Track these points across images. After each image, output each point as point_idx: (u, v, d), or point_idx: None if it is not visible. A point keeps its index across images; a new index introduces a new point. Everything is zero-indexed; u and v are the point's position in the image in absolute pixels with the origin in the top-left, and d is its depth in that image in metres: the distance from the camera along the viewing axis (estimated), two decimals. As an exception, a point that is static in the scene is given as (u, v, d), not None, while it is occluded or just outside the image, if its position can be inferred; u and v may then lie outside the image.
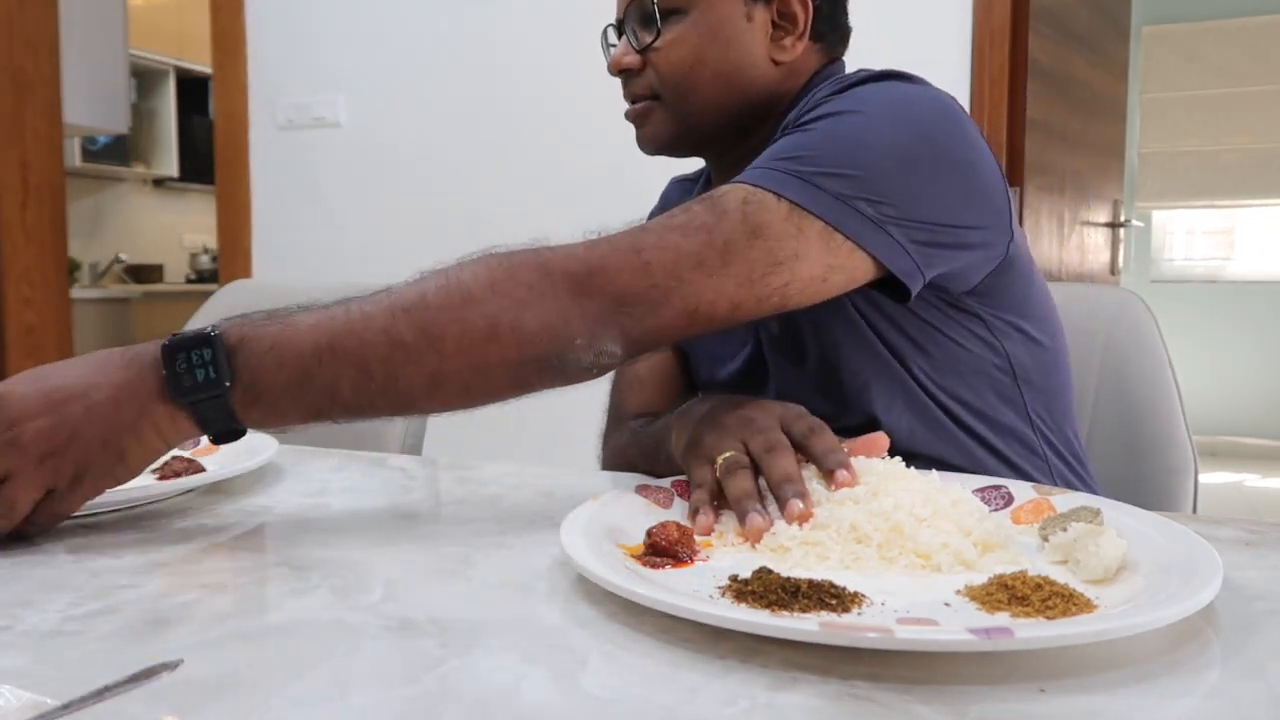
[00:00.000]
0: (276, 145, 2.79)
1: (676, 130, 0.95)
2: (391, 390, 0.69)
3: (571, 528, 0.63)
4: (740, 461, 0.71)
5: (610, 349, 0.72)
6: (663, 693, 0.45)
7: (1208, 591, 0.50)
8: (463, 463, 0.96)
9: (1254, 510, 4.23)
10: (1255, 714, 0.43)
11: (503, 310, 0.69)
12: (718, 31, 0.91)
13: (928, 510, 0.64)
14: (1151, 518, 0.65)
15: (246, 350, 0.68)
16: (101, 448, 0.68)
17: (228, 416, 0.69)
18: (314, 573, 0.63)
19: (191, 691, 0.45)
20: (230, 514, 0.78)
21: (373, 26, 2.66)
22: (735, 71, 0.92)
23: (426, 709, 0.44)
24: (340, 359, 0.68)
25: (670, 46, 0.91)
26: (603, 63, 1.00)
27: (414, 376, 0.69)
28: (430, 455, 1.08)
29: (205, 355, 0.67)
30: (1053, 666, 0.47)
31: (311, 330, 0.69)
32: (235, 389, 0.68)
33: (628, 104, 0.97)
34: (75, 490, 0.69)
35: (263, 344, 0.68)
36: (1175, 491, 1.06)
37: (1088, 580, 0.58)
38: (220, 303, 1.58)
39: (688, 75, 0.92)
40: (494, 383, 0.71)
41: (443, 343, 0.69)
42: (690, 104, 0.93)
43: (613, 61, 0.95)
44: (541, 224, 2.52)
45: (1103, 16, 2.75)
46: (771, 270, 0.74)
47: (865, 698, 0.44)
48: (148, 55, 4.99)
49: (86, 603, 0.57)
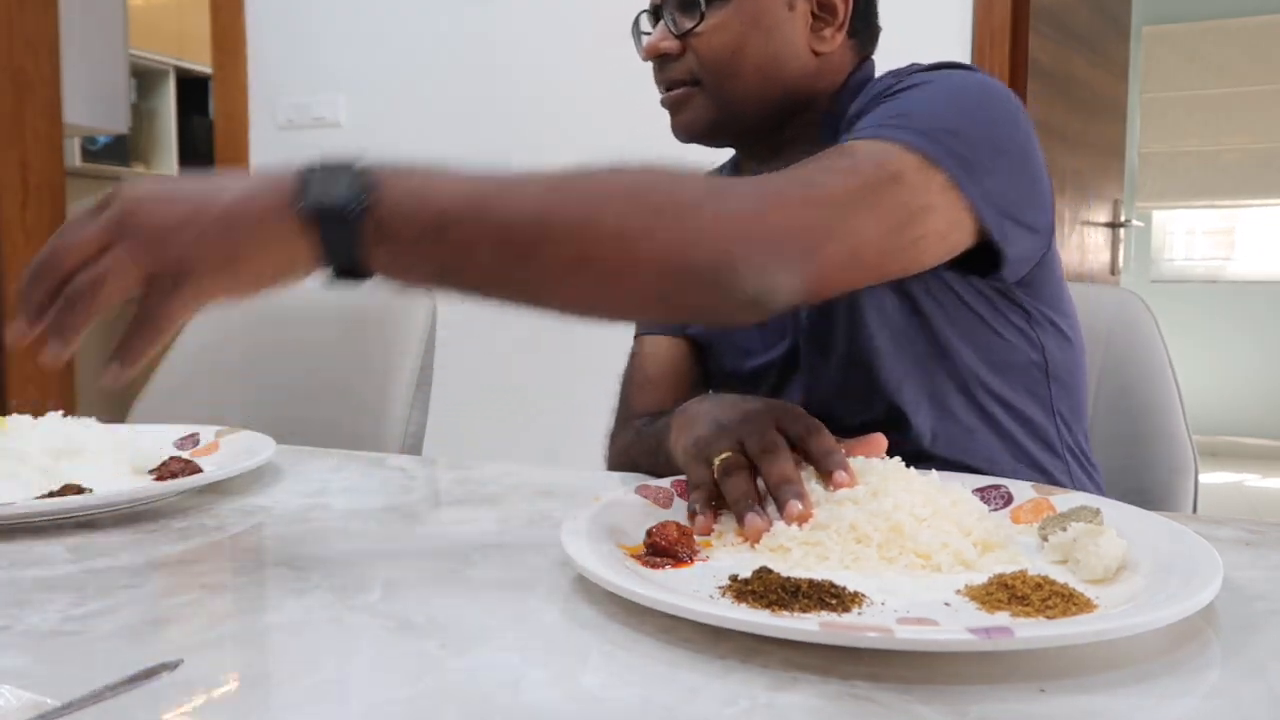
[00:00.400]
0: (276, 145, 2.79)
1: (715, 117, 0.94)
2: (530, 264, 0.62)
3: (572, 528, 0.62)
4: (738, 462, 0.71)
5: (773, 283, 0.65)
6: (663, 693, 0.45)
7: (1208, 591, 0.50)
8: (463, 463, 0.95)
9: (1254, 510, 4.23)
10: (1255, 714, 0.43)
11: (670, 209, 0.64)
12: (760, 18, 0.91)
13: (928, 510, 0.64)
14: (1151, 518, 0.65)
15: (389, 184, 0.61)
16: (215, 243, 0.60)
17: (353, 247, 0.61)
18: (314, 573, 0.62)
19: (191, 691, 0.45)
20: (230, 514, 0.78)
21: (373, 26, 2.66)
22: (776, 59, 0.92)
23: (426, 709, 0.44)
24: (485, 217, 0.62)
25: (713, 31, 0.91)
26: (602, 63, 1.00)
27: (558, 255, 0.62)
28: (430, 455, 1.08)
29: (343, 179, 0.61)
30: (1053, 666, 0.47)
31: (461, 182, 0.63)
32: (368, 219, 0.60)
33: (661, 90, 0.96)
34: (178, 289, 0.60)
35: (408, 182, 0.62)
36: (1176, 491, 1.06)
37: (1088, 580, 0.58)
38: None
39: (729, 61, 0.91)
40: (640, 285, 0.64)
41: (597, 227, 0.63)
42: (731, 90, 0.92)
43: (649, 46, 0.94)
44: (541, 224, 2.52)
45: (1103, 16, 2.75)
46: (910, 220, 0.72)
47: (865, 698, 0.44)
48: (148, 55, 4.99)
49: (86, 603, 0.57)
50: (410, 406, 1.45)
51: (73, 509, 0.75)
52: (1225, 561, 0.54)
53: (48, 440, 0.87)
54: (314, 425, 1.41)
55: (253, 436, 0.96)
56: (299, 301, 1.53)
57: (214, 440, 0.97)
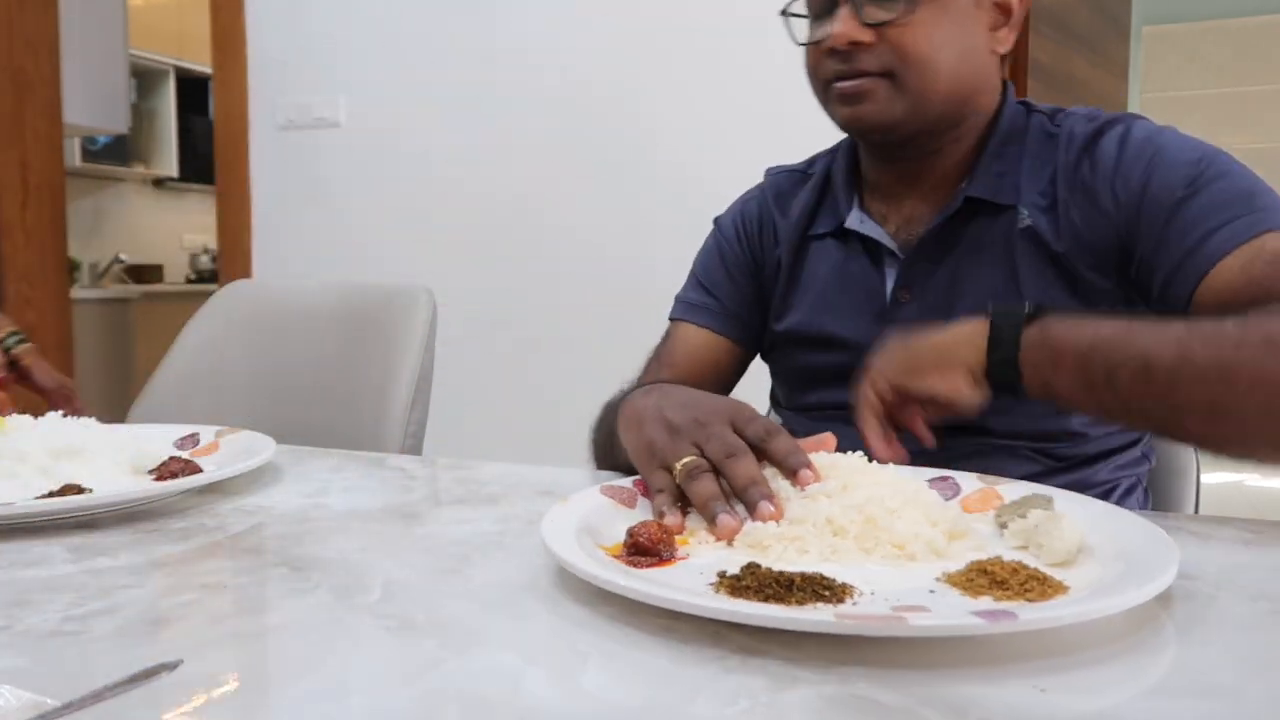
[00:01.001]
0: (276, 145, 2.79)
1: (905, 111, 0.91)
2: (1167, 399, 0.71)
3: (554, 532, 0.62)
4: (700, 465, 0.70)
5: None
6: (663, 693, 0.45)
7: (1173, 568, 0.53)
8: (463, 463, 0.95)
9: (1254, 510, 4.22)
10: (1257, 714, 0.43)
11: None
12: (956, 13, 0.90)
13: (897, 501, 0.65)
14: (1098, 505, 0.68)
15: (1059, 313, 0.76)
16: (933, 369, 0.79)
17: (1014, 356, 0.76)
18: (314, 573, 0.62)
19: (191, 691, 0.45)
20: (230, 514, 0.78)
21: (373, 26, 2.66)
22: (966, 56, 0.92)
23: (426, 709, 0.44)
24: (1129, 347, 0.72)
25: (916, 24, 0.89)
26: (602, 62, 0.99)
27: (1194, 396, 0.70)
28: (430, 455, 1.08)
29: (1017, 309, 0.77)
30: (1053, 666, 0.47)
31: (1114, 318, 0.75)
32: (1032, 323, 0.76)
33: (839, 79, 0.92)
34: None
35: (1065, 314, 0.77)
36: (1177, 492, 1.07)
37: (1050, 563, 0.60)
38: (220, 303, 1.58)
39: (931, 55, 0.90)
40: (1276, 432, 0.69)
41: (1235, 375, 0.69)
42: (925, 85, 0.90)
43: (840, 35, 0.90)
44: (541, 224, 2.52)
45: (1103, 16, 2.75)
46: None
47: (865, 698, 0.44)
48: (148, 55, 4.99)
49: (86, 603, 0.57)
50: (410, 407, 1.45)
51: (73, 509, 0.75)
52: (1225, 562, 0.54)
53: (48, 440, 0.87)
54: (314, 426, 1.41)
55: (253, 436, 0.96)
56: (298, 303, 1.53)
57: (214, 440, 0.97)
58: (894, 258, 0.98)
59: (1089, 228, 0.89)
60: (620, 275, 2.33)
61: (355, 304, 1.51)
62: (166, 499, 0.81)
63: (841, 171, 1.04)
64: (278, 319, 1.54)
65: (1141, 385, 0.72)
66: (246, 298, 1.60)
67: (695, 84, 2.30)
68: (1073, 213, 0.90)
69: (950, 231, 0.95)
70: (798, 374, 1.06)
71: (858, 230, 1.00)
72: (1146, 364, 0.71)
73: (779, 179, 1.12)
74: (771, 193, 1.10)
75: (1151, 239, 0.86)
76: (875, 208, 1.01)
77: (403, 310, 1.47)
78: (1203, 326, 0.73)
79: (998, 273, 0.92)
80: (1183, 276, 0.83)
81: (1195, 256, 0.82)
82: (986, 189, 0.93)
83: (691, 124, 2.31)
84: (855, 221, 1.00)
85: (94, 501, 0.75)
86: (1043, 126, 0.96)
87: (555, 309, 2.42)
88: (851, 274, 1.01)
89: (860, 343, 0.95)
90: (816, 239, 1.04)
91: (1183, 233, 0.84)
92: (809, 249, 1.05)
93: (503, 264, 2.51)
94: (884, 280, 0.99)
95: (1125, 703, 0.44)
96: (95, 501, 0.76)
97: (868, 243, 1.00)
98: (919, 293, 0.96)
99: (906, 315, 0.96)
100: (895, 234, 0.99)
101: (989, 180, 0.94)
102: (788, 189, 1.10)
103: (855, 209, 1.01)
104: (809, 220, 1.05)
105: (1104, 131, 0.91)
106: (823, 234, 1.04)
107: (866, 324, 0.97)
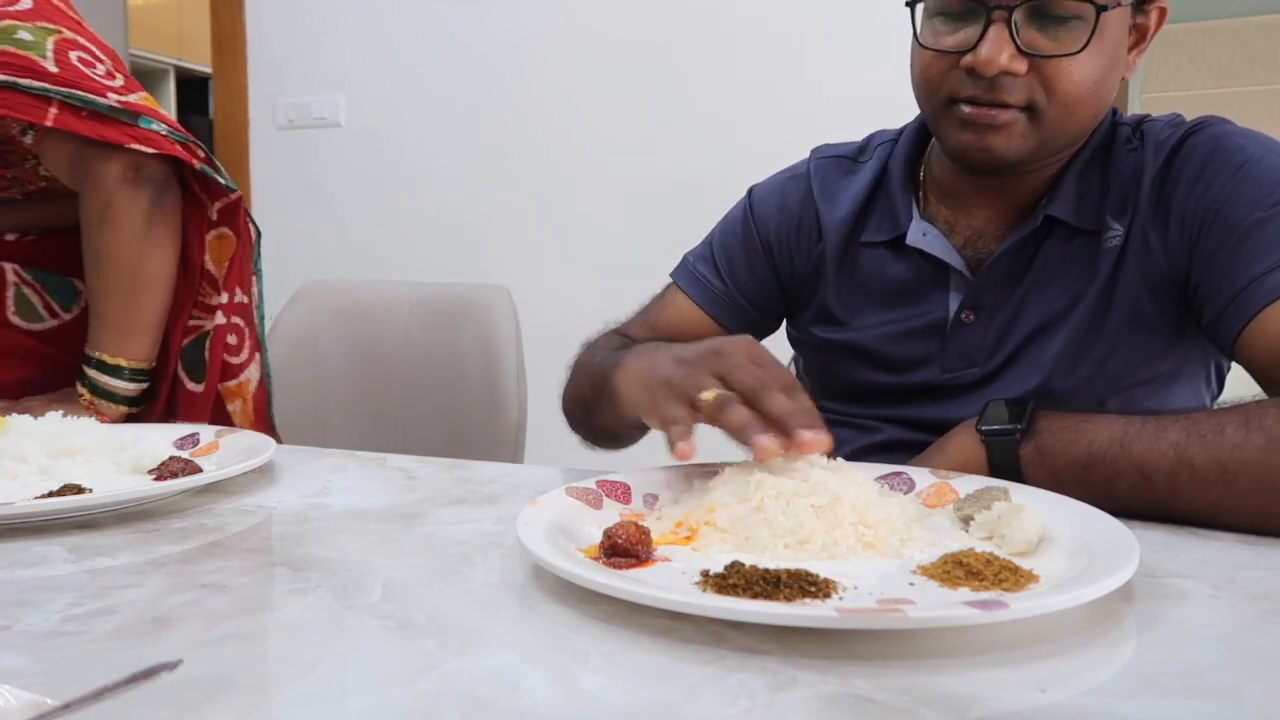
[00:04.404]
0: (276, 145, 2.79)
1: (1036, 147, 0.84)
2: (1167, 504, 0.71)
3: (533, 536, 0.60)
4: (730, 396, 0.69)
5: None
6: (663, 693, 0.45)
7: (1135, 549, 0.55)
8: (463, 463, 0.95)
9: (1254, 510, 4.22)
10: (1257, 714, 0.43)
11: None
12: (1111, 45, 0.83)
13: (863, 499, 0.65)
14: (1048, 496, 0.68)
15: (1048, 418, 0.77)
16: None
17: (1015, 462, 0.76)
18: (314, 573, 0.62)
19: (191, 691, 0.45)
20: (230, 514, 0.78)
21: (373, 26, 2.66)
22: (1108, 89, 0.85)
23: (426, 709, 0.44)
24: (1126, 458, 0.72)
25: (1079, 62, 0.80)
26: (603, 62, 0.98)
27: (1193, 500, 0.70)
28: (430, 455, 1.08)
29: (1015, 411, 0.78)
30: (1053, 666, 0.47)
31: (1108, 422, 0.74)
32: (1027, 440, 0.76)
33: (970, 103, 0.83)
34: None
35: (1062, 420, 0.76)
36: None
37: (1013, 553, 0.61)
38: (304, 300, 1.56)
39: (1083, 98, 0.82)
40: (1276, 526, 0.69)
41: (1235, 476, 0.68)
42: (1066, 122, 0.83)
43: (990, 60, 0.80)
44: (542, 224, 2.52)
45: (1103, 16, 2.75)
46: None
47: (865, 698, 0.44)
48: (148, 55, 4.99)
49: (86, 603, 0.57)
50: (517, 403, 1.47)
51: (73, 509, 0.75)
52: (1225, 561, 0.54)
53: (48, 440, 0.87)
54: (426, 431, 1.44)
55: (253, 436, 0.96)
56: (380, 295, 1.51)
57: (214, 440, 0.97)
58: (960, 276, 0.93)
59: (1165, 250, 0.86)
60: (622, 275, 2.34)
61: (436, 296, 1.56)
62: (166, 499, 0.81)
63: (900, 170, 0.97)
64: (362, 314, 1.55)
65: (1142, 493, 0.72)
66: (329, 293, 1.59)
67: (695, 85, 2.30)
68: (1150, 236, 0.86)
69: (1023, 251, 0.90)
70: (837, 381, 1.01)
71: (920, 247, 0.94)
72: (1144, 474, 0.71)
73: (825, 165, 1.04)
74: (817, 180, 1.03)
75: (1214, 261, 0.82)
76: (939, 214, 0.95)
77: (486, 303, 1.52)
78: (1201, 425, 0.71)
79: (1063, 296, 0.89)
80: (1236, 308, 0.80)
81: (1255, 288, 0.79)
82: (1068, 210, 0.89)
83: (692, 124, 2.31)
84: (917, 235, 0.94)
85: (94, 501, 0.75)
86: (1127, 141, 0.90)
87: (556, 308, 2.43)
88: (910, 291, 0.95)
89: (916, 362, 0.94)
90: (869, 246, 0.98)
91: (1249, 260, 0.79)
92: (859, 254, 0.98)
93: (503, 264, 2.51)
94: (946, 299, 0.94)
95: (1125, 702, 0.44)
96: (95, 501, 0.76)
97: (929, 257, 0.94)
98: (985, 315, 0.92)
99: (969, 338, 0.92)
100: (962, 248, 0.93)
101: (1070, 201, 0.89)
102: (835, 177, 1.02)
103: (916, 218, 0.95)
104: (859, 221, 0.98)
105: (1189, 136, 0.87)
106: (877, 242, 0.97)
107: (924, 345, 0.94)
